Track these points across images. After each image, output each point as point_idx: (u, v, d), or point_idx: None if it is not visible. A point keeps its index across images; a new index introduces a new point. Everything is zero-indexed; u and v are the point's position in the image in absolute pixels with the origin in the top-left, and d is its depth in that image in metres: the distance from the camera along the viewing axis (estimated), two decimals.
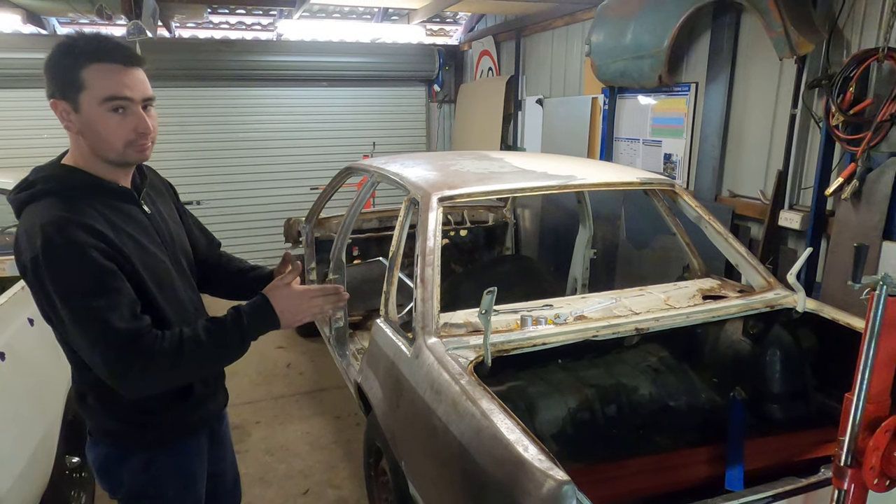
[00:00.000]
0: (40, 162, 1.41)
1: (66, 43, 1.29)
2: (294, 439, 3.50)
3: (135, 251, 1.36)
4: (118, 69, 1.29)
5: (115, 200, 1.38)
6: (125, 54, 1.30)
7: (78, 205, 1.30)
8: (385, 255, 4.37)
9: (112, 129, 1.30)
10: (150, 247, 1.42)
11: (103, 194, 1.36)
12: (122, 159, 1.35)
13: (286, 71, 6.44)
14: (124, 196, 1.41)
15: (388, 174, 2.89)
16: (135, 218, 1.42)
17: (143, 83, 1.33)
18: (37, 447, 2.20)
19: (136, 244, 1.37)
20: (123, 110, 1.30)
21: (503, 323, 2.14)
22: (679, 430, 2.43)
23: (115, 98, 1.28)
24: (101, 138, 1.31)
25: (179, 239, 1.59)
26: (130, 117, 1.31)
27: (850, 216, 2.92)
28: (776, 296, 2.41)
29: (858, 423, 1.26)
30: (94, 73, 1.27)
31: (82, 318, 1.25)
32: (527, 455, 1.42)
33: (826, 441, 2.04)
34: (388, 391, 2.23)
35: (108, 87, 1.28)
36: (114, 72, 1.28)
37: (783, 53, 3.04)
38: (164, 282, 1.44)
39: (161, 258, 1.45)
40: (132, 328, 1.27)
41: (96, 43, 1.29)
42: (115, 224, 1.34)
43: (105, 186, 1.37)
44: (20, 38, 5.64)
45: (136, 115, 1.32)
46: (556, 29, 5.36)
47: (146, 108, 1.35)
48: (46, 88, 1.32)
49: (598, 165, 3.16)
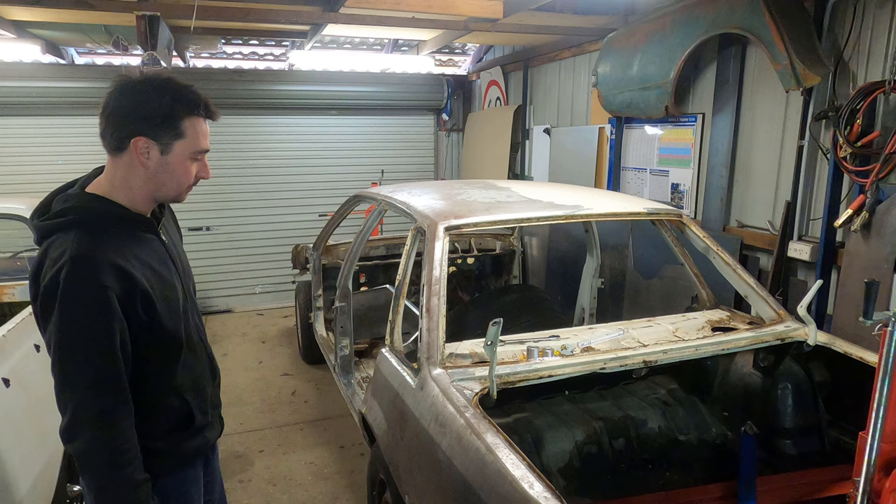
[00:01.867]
0: (56, 188, 1.45)
1: (165, 87, 1.36)
2: (297, 469, 3.46)
3: (156, 284, 1.41)
4: (203, 124, 1.42)
5: (138, 231, 1.44)
6: (210, 110, 1.43)
7: (105, 238, 1.34)
8: (392, 282, 4.38)
9: (187, 174, 1.43)
10: (167, 276, 1.47)
11: (129, 224, 1.42)
12: (176, 199, 1.48)
13: (297, 100, 6.56)
14: (146, 226, 1.46)
15: (396, 202, 2.90)
16: (154, 248, 1.47)
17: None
18: (38, 475, 2.19)
19: (155, 276, 1.42)
20: (199, 160, 1.44)
21: (509, 354, 2.12)
22: (689, 465, 2.38)
23: (203, 152, 1.43)
24: (176, 181, 1.42)
25: (188, 266, 1.63)
26: (200, 166, 1.45)
27: (860, 248, 2.90)
28: (787, 328, 2.38)
29: (874, 463, 1.23)
30: (192, 125, 1.39)
31: (68, 364, 1.28)
32: (532, 492, 1.39)
33: (841, 478, 1.98)
34: (393, 422, 2.20)
35: (200, 141, 1.42)
36: (201, 125, 1.42)
37: (789, 86, 3.06)
38: (177, 310, 1.47)
39: (176, 287, 1.49)
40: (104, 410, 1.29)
41: (194, 96, 1.40)
42: (139, 256, 1.39)
43: (131, 217, 1.42)
44: (39, 68, 5.79)
45: (202, 164, 1.46)
46: (563, 60, 5.44)
47: None
48: (128, 125, 1.36)
49: (605, 195, 3.17)
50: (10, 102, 5.72)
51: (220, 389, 1.74)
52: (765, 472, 2.13)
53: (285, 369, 4.87)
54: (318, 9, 4.45)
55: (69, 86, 5.80)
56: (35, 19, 4.68)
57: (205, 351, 1.62)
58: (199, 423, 1.57)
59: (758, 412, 2.39)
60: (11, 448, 2.09)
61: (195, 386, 1.55)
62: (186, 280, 1.58)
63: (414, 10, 4.23)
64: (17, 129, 5.87)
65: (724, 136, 3.74)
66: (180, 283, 1.52)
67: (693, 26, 3.59)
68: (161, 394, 1.47)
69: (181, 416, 1.51)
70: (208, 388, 1.61)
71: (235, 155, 6.58)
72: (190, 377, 1.53)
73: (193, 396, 1.54)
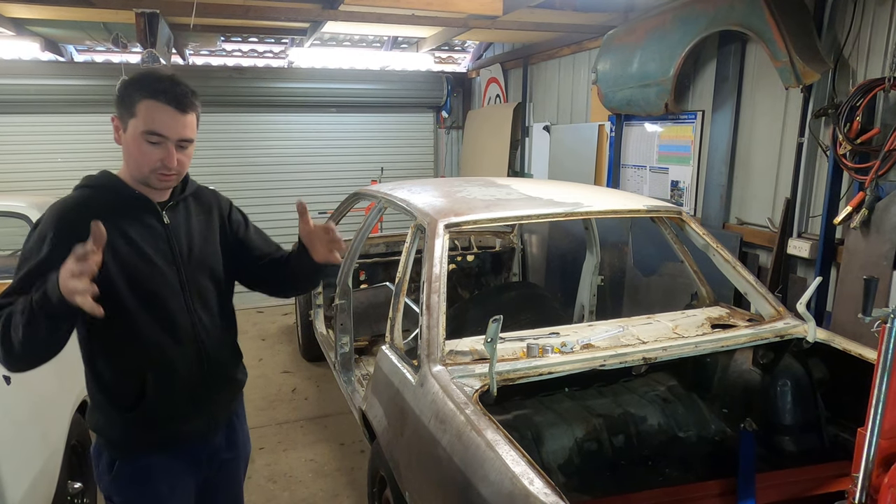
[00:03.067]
0: (55, 185, 1.56)
1: (139, 75, 1.48)
2: (298, 466, 3.46)
3: (125, 255, 1.47)
4: (165, 110, 1.44)
5: (132, 206, 1.52)
6: (177, 99, 1.45)
7: (94, 201, 1.48)
8: (391, 279, 4.38)
9: (143, 154, 1.46)
10: (150, 254, 1.51)
11: (123, 198, 1.52)
12: (146, 181, 1.51)
13: (297, 97, 6.55)
14: (140, 203, 1.53)
15: (396, 200, 2.90)
16: (147, 225, 1.53)
17: (184, 127, 1.48)
18: (39, 472, 2.19)
19: (131, 249, 1.48)
20: (157, 144, 1.46)
21: (509, 351, 2.12)
22: (688, 461, 2.39)
23: (152, 133, 1.44)
24: (134, 159, 1.49)
25: (201, 253, 1.62)
26: (161, 150, 1.46)
27: (859, 245, 2.90)
28: (786, 325, 2.38)
29: (872, 459, 1.23)
30: (145, 107, 1.44)
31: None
32: (532, 489, 1.39)
33: (839, 475, 1.98)
34: (393, 419, 2.21)
35: (150, 122, 1.44)
36: (161, 111, 1.44)
37: (789, 83, 3.06)
38: (151, 286, 1.51)
39: (160, 266, 1.52)
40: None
41: (158, 83, 1.45)
42: (121, 227, 1.47)
43: (125, 191, 1.52)
44: (39, 65, 5.78)
45: (166, 150, 1.47)
46: (562, 57, 5.43)
47: (182, 148, 1.50)
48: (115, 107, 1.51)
49: (605, 192, 3.17)
50: (9, 100, 5.71)
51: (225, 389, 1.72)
52: (764, 468, 2.14)
53: (285, 367, 4.87)
54: (318, 6, 4.44)
55: (68, 83, 5.80)
56: (34, 17, 4.67)
57: (195, 342, 1.58)
58: (157, 408, 1.54)
59: (757, 409, 2.39)
60: (12, 445, 2.09)
61: (164, 369, 1.54)
62: (193, 268, 1.58)
63: (414, 7, 4.23)
64: (17, 126, 5.86)
65: (723, 133, 3.74)
66: (175, 268, 1.55)
67: (693, 23, 3.59)
68: (115, 358, 1.52)
69: (133, 393, 1.52)
70: (188, 379, 1.58)
71: (234, 153, 6.58)
72: (159, 360, 1.53)
73: (155, 379, 1.53)
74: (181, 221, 1.59)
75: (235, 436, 1.78)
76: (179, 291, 1.55)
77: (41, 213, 1.51)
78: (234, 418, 1.79)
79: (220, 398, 1.70)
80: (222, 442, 1.73)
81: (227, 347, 1.71)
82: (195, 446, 1.66)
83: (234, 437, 1.78)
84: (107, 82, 5.55)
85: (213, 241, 1.67)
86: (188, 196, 1.64)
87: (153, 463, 1.59)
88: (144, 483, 1.58)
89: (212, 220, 1.68)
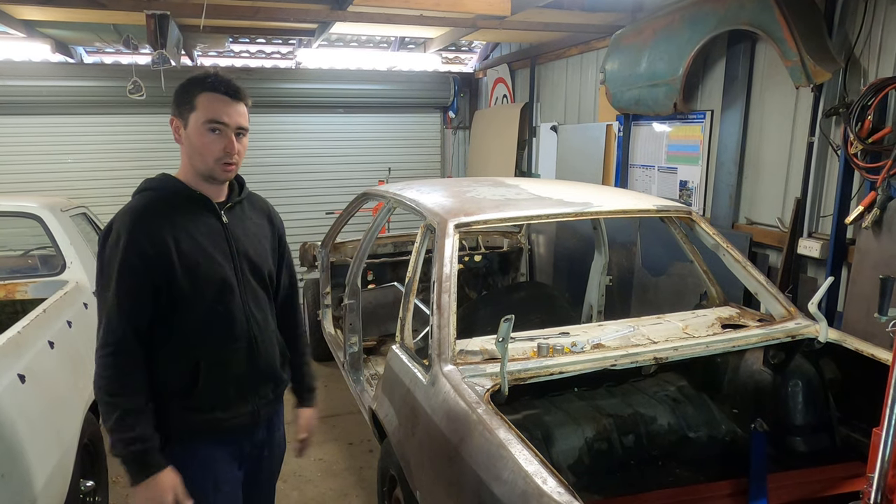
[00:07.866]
0: (65, 185, 1.59)
1: (192, 76, 1.58)
2: (307, 465, 3.47)
3: (189, 251, 1.55)
4: (222, 99, 1.55)
5: (193, 205, 1.61)
6: (231, 89, 1.57)
7: (157, 202, 1.57)
8: (400, 279, 4.39)
9: (206, 145, 1.56)
10: (211, 251, 1.59)
11: (184, 197, 1.60)
12: (211, 173, 1.59)
13: (304, 98, 6.57)
14: (202, 202, 1.62)
15: (405, 200, 2.91)
16: (207, 223, 1.62)
17: (239, 115, 1.59)
18: (53, 471, 2.21)
19: (192, 243, 1.56)
20: (219, 132, 1.55)
21: (520, 351, 2.12)
22: (699, 462, 2.38)
23: (213, 121, 1.54)
24: (198, 151, 1.57)
25: (255, 255, 1.69)
26: (223, 139, 1.56)
27: (871, 245, 2.89)
28: (797, 325, 2.37)
29: (888, 459, 1.23)
30: (204, 99, 1.55)
31: (100, 298, 1.54)
32: (546, 487, 1.39)
33: (852, 476, 1.98)
34: (404, 419, 2.21)
35: (210, 111, 1.54)
36: (218, 101, 1.55)
37: (799, 82, 3.04)
38: (211, 281, 1.57)
39: (220, 262, 1.60)
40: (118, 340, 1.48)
41: (211, 77, 1.57)
42: (183, 226, 1.57)
43: (186, 191, 1.61)
44: (49, 67, 5.83)
45: (227, 138, 1.56)
46: (570, 57, 5.43)
47: (239, 136, 1.59)
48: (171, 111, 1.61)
49: (614, 192, 3.16)
50: (19, 101, 5.75)
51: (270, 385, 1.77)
52: (775, 469, 2.13)
53: None
54: (326, 7, 4.46)
55: (78, 85, 5.84)
56: (45, 19, 4.71)
57: (248, 337, 1.64)
58: (206, 397, 1.59)
59: (768, 409, 2.39)
60: (27, 444, 2.11)
61: (217, 361, 1.59)
62: (244, 266, 1.65)
63: (422, 7, 4.24)
64: (27, 127, 5.91)
65: (733, 132, 3.73)
66: (233, 265, 1.62)
67: (702, 23, 3.58)
68: (172, 347, 1.57)
69: (187, 381, 1.57)
70: (240, 372, 1.64)
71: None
72: (213, 351, 1.59)
73: (209, 368, 1.58)
74: (238, 222, 1.68)
75: (275, 434, 1.83)
76: (236, 287, 1.62)
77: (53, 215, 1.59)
78: (275, 417, 1.83)
79: (265, 394, 1.73)
80: (264, 438, 1.77)
81: (275, 346, 1.76)
82: (239, 437, 1.69)
83: (274, 435, 1.82)
84: (116, 83, 5.59)
85: (266, 245, 1.75)
86: (244, 199, 1.73)
87: (199, 451, 1.62)
88: (186, 471, 1.60)
89: (266, 227, 1.78)
